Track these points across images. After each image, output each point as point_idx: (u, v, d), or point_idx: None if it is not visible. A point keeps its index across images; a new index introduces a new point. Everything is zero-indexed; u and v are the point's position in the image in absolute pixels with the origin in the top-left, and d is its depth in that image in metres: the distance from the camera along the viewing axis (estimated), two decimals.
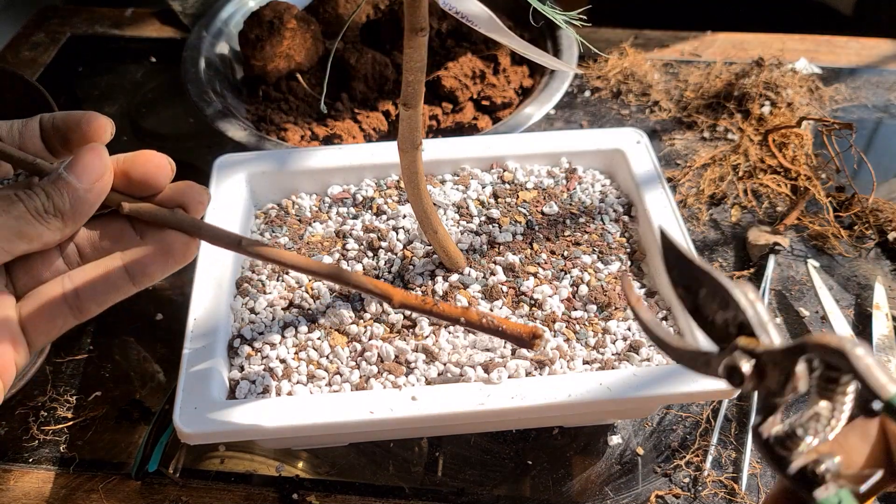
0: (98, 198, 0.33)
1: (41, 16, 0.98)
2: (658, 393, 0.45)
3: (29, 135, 0.35)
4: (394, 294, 0.39)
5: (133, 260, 0.34)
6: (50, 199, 0.31)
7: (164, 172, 0.34)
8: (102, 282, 0.34)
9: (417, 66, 0.38)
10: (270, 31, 0.74)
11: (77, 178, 0.32)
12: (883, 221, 0.68)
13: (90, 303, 0.34)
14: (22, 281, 0.34)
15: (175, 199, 0.35)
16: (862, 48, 0.90)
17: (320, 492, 0.52)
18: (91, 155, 0.32)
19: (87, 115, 0.35)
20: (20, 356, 0.33)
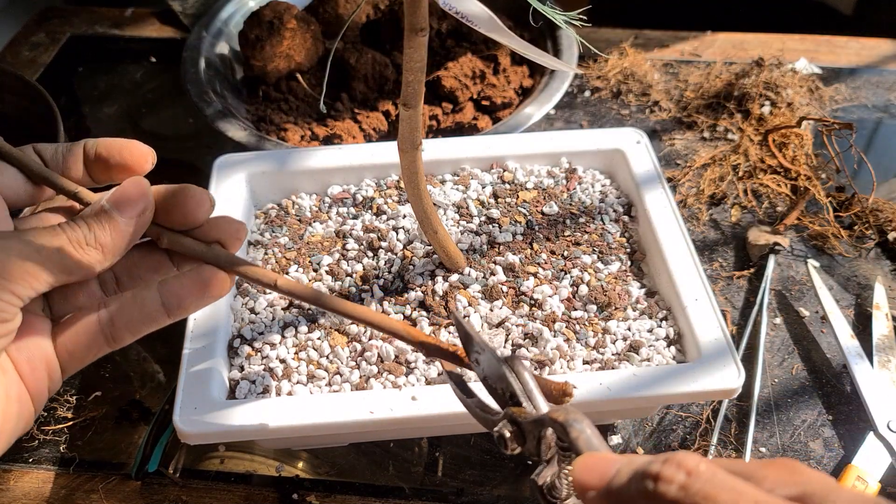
0: (139, 232, 0.33)
1: (41, 16, 0.98)
2: (658, 393, 0.45)
3: (72, 160, 0.35)
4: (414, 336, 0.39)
5: (169, 292, 0.34)
6: (92, 231, 0.31)
7: (205, 208, 0.35)
8: (139, 312, 0.34)
9: (417, 66, 0.38)
10: (270, 31, 0.74)
11: (119, 211, 0.32)
12: (883, 221, 0.68)
13: (125, 332, 0.34)
14: (59, 305, 0.34)
15: (213, 233, 0.35)
16: (862, 48, 0.90)
17: (320, 492, 0.52)
18: (134, 189, 0.33)
19: (128, 145, 0.35)
20: (53, 382, 0.34)
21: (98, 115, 0.85)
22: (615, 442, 0.55)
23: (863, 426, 0.55)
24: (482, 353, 0.35)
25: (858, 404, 0.56)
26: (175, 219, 0.35)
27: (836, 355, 0.60)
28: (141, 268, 0.36)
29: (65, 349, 0.34)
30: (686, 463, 0.24)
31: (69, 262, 0.31)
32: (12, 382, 0.32)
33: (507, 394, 0.34)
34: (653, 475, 0.24)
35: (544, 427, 0.31)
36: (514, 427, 0.33)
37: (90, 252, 0.31)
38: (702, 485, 0.23)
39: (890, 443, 0.52)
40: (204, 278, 0.35)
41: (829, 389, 0.58)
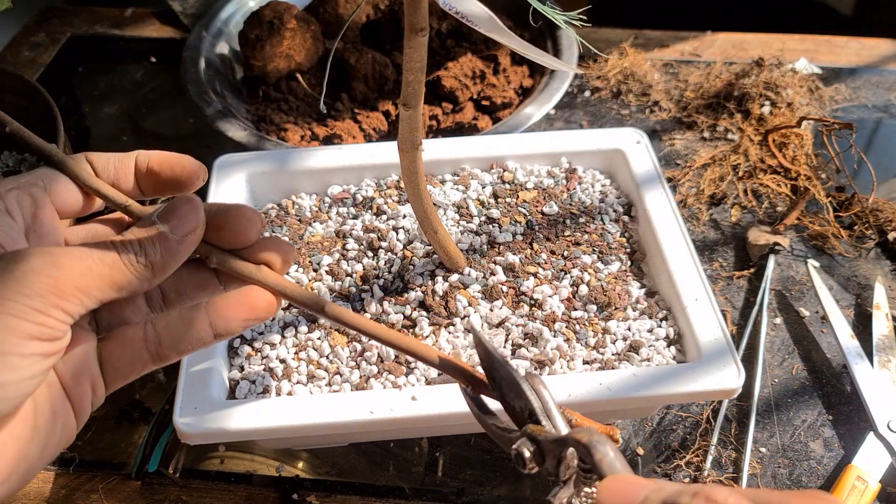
0: (189, 250, 0.33)
1: (41, 16, 0.98)
2: (658, 393, 0.45)
3: (124, 171, 0.35)
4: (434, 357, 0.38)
5: (217, 313, 0.34)
6: (143, 248, 0.31)
7: (256, 228, 0.34)
8: (186, 332, 0.34)
9: (417, 66, 0.38)
10: (270, 31, 0.74)
11: (171, 228, 0.32)
12: (883, 221, 0.68)
13: (171, 350, 0.34)
14: (105, 319, 0.34)
15: (262, 256, 0.35)
16: (862, 48, 0.90)
17: (320, 492, 0.52)
18: (187, 207, 0.33)
19: (181, 160, 0.35)
20: (97, 397, 0.33)
21: (98, 115, 0.85)
22: None
23: (863, 426, 0.55)
24: (501, 369, 0.35)
25: (858, 404, 0.56)
26: (225, 237, 0.34)
27: (836, 355, 0.60)
28: (188, 285, 0.36)
29: (109, 364, 0.33)
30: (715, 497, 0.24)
31: (120, 279, 0.30)
32: (57, 397, 0.31)
33: (526, 412, 0.33)
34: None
35: (565, 447, 0.31)
36: (533, 446, 0.32)
37: (140, 269, 0.31)
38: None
39: (890, 443, 0.52)
40: (252, 300, 0.35)
41: (829, 389, 0.58)
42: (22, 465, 0.30)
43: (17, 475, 0.30)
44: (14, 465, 0.29)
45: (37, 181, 0.33)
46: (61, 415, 0.31)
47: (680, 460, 0.53)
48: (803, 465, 0.53)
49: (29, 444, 0.30)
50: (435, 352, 0.38)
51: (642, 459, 0.54)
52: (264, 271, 0.35)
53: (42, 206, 0.32)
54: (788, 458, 0.54)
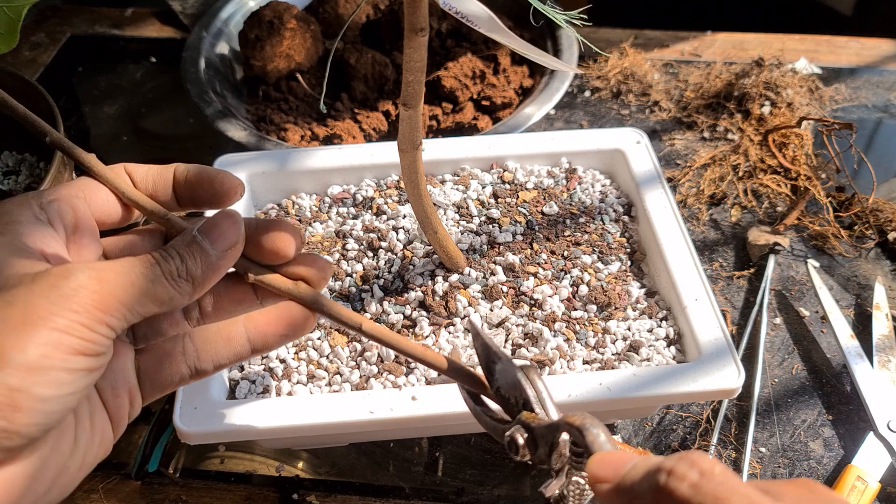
0: (229, 265, 0.33)
1: (41, 16, 0.98)
2: (658, 393, 0.45)
3: (162, 184, 0.35)
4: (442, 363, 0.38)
5: (255, 329, 0.34)
6: (184, 263, 0.31)
7: (294, 245, 0.34)
8: (224, 346, 0.34)
9: (417, 66, 0.38)
10: (270, 31, 0.74)
11: (211, 243, 0.32)
12: (883, 221, 0.68)
13: (208, 363, 0.34)
14: (142, 331, 0.34)
15: (299, 272, 0.35)
16: (862, 48, 0.90)
17: (320, 492, 0.52)
18: (227, 222, 0.33)
19: (220, 176, 0.35)
20: (134, 409, 0.33)
21: (98, 115, 0.85)
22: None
23: (863, 426, 0.55)
24: (497, 362, 0.35)
25: (858, 404, 0.56)
26: (264, 253, 0.34)
27: (836, 355, 0.60)
28: (226, 299, 0.36)
29: (147, 376, 0.34)
30: (700, 463, 0.24)
31: (162, 294, 0.30)
32: (96, 409, 0.32)
33: (521, 401, 0.34)
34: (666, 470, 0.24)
35: (558, 433, 0.31)
36: (526, 433, 0.32)
37: (181, 284, 0.31)
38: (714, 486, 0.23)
39: (890, 443, 0.52)
40: (290, 316, 0.35)
41: (829, 389, 0.58)
42: (62, 479, 0.30)
43: (57, 488, 0.30)
44: (54, 481, 0.29)
45: (78, 192, 0.33)
46: (99, 427, 0.32)
47: None
48: (803, 465, 0.53)
49: (69, 457, 0.30)
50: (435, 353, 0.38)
51: None
52: (302, 287, 0.35)
53: (83, 217, 0.32)
54: (788, 458, 0.54)
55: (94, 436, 0.31)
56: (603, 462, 0.28)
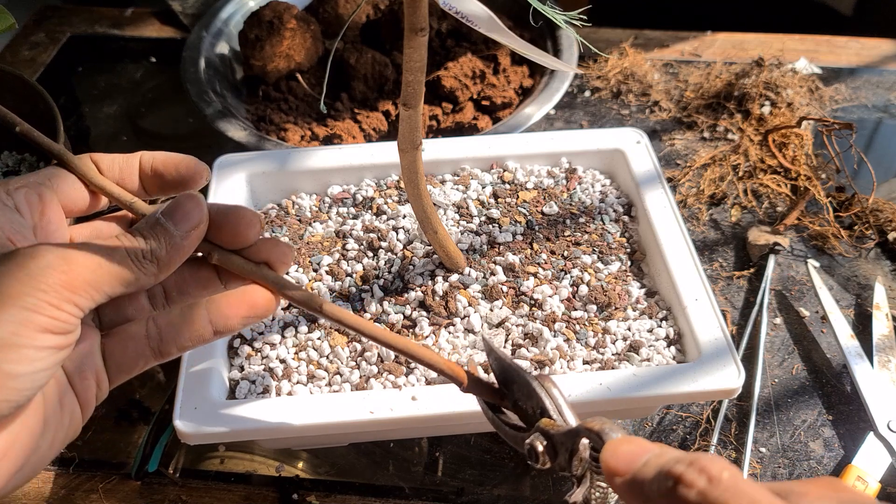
0: (192, 246, 0.34)
1: (41, 16, 0.98)
2: (658, 393, 0.45)
3: (129, 171, 0.36)
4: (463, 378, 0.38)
5: (217, 311, 0.35)
6: (148, 244, 0.32)
7: (255, 229, 0.35)
8: (187, 329, 0.35)
9: (417, 66, 0.38)
10: (270, 31, 0.74)
11: (175, 224, 0.33)
12: (883, 221, 0.68)
13: (172, 347, 0.35)
14: (108, 316, 0.35)
15: (262, 255, 0.36)
16: (862, 48, 0.90)
17: (320, 492, 0.52)
18: (190, 204, 0.33)
19: (185, 161, 0.36)
20: (101, 391, 0.34)
21: (98, 115, 0.85)
22: None
23: (863, 426, 0.55)
24: (513, 374, 0.35)
25: (858, 404, 0.56)
26: (225, 238, 0.35)
27: (836, 355, 0.60)
28: (190, 283, 0.36)
29: (112, 360, 0.34)
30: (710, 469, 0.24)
31: (127, 275, 0.31)
32: (64, 390, 0.32)
33: (538, 410, 0.34)
34: (675, 476, 0.24)
35: (577, 439, 0.31)
36: (545, 440, 0.33)
37: (146, 265, 0.32)
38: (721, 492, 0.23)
39: (890, 443, 0.52)
40: (251, 298, 0.35)
41: (829, 389, 0.58)
42: (32, 457, 0.31)
43: (29, 466, 0.31)
44: (26, 457, 0.30)
45: (44, 180, 0.34)
46: (68, 408, 0.32)
47: None
48: (803, 465, 0.53)
49: (39, 436, 0.31)
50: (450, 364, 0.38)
51: None
52: (264, 270, 0.36)
53: (49, 203, 0.33)
54: (788, 458, 0.54)
55: (64, 417, 0.32)
56: (617, 453, 0.28)
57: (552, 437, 0.32)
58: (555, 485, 0.53)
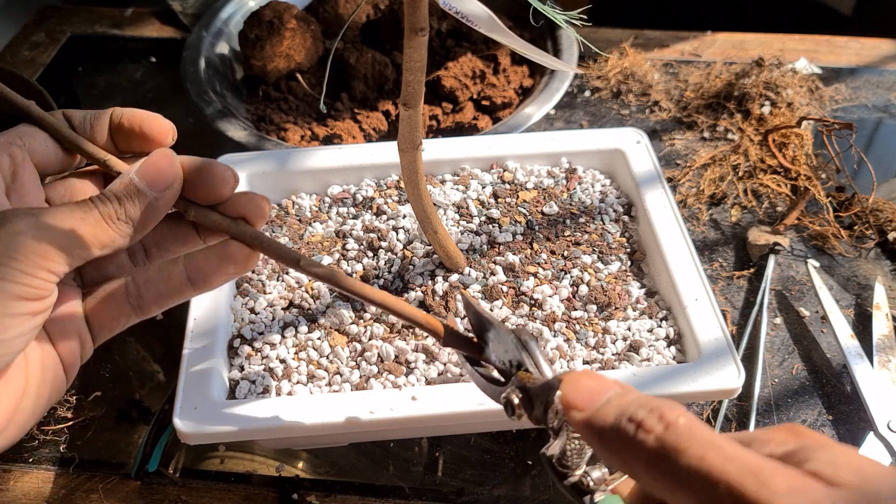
0: (168, 205, 0.33)
1: (41, 15, 0.98)
2: (658, 393, 0.45)
3: (99, 128, 0.35)
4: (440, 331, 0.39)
5: (195, 266, 0.35)
6: (122, 205, 0.32)
7: (229, 184, 0.35)
8: (165, 285, 0.35)
9: (417, 66, 0.38)
10: (270, 31, 0.74)
11: (148, 184, 0.32)
12: (883, 221, 0.68)
13: (152, 303, 0.35)
14: (90, 276, 0.35)
15: (238, 210, 0.36)
16: (862, 48, 0.90)
17: (320, 492, 0.52)
18: (164, 161, 0.33)
19: (150, 118, 0.35)
20: (85, 350, 0.35)
21: None
22: None
23: (863, 426, 0.55)
24: (490, 329, 0.36)
25: (858, 404, 0.56)
26: (200, 194, 0.35)
27: (836, 355, 0.60)
28: (168, 240, 0.36)
29: (95, 318, 0.35)
30: (667, 415, 0.24)
31: (103, 237, 0.31)
32: (47, 352, 0.33)
33: (515, 364, 0.34)
34: (636, 421, 0.25)
35: (552, 392, 0.31)
36: (521, 393, 0.33)
37: (121, 226, 0.32)
38: (676, 437, 0.24)
39: (890, 443, 0.52)
40: (229, 253, 0.35)
41: (829, 389, 0.58)
42: (17, 418, 0.31)
43: (14, 427, 0.31)
44: (9, 417, 0.30)
45: (15, 139, 0.33)
46: (51, 369, 0.33)
47: None
48: None
49: (22, 398, 0.31)
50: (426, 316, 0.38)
51: None
52: (241, 225, 0.36)
53: (21, 164, 0.33)
54: None
55: (46, 377, 0.32)
56: (578, 387, 0.28)
57: (528, 389, 0.33)
58: (555, 485, 0.53)
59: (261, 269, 0.54)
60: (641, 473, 0.25)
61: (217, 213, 0.35)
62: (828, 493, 0.22)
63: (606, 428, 0.26)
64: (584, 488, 0.30)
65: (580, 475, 0.30)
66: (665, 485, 0.24)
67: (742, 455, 0.23)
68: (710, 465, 0.22)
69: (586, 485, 0.30)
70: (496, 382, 0.36)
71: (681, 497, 0.23)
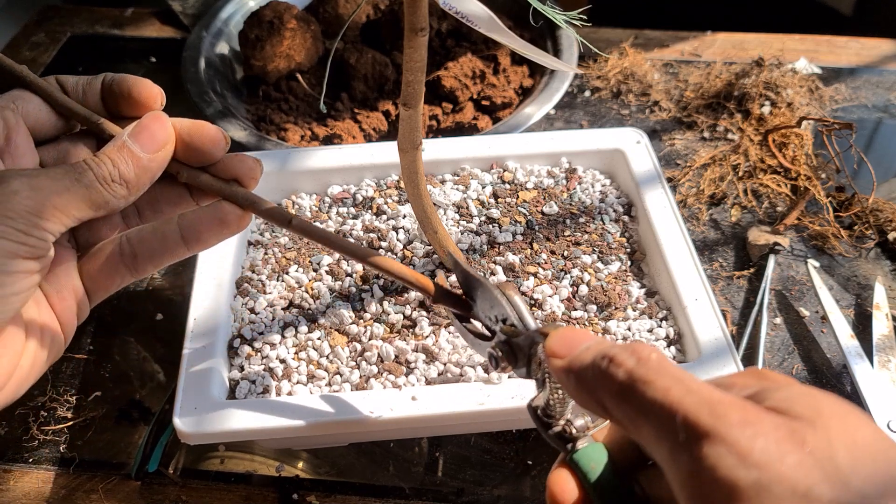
0: (160, 167, 0.34)
1: (41, 16, 0.98)
2: None
3: (91, 93, 0.36)
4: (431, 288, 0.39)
5: (188, 226, 0.36)
6: (116, 167, 0.32)
7: (220, 146, 0.35)
8: (159, 245, 0.36)
9: (417, 66, 0.38)
10: (270, 31, 0.74)
11: (141, 146, 0.33)
12: (883, 221, 0.68)
13: (146, 263, 0.36)
14: (84, 237, 0.36)
15: (229, 171, 0.36)
16: (862, 48, 0.90)
17: (320, 492, 0.52)
18: (156, 124, 0.34)
19: (139, 82, 0.35)
20: (81, 311, 0.35)
21: None
22: None
23: None
24: (477, 286, 0.37)
25: (858, 404, 0.56)
26: (192, 155, 0.35)
27: (836, 355, 0.60)
28: (161, 201, 0.37)
29: (90, 279, 0.35)
30: (640, 351, 0.26)
31: (97, 198, 0.32)
32: (44, 312, 0.33)
33: (500, 318, 0.35)
34: (609, 356, 0.26)
35: (536, 344, 0.32)
36: (506, 347, 0.34)
37: (115, 188, 0.32)
38: (645, 371, 0.25)
39: None
40: (222, 214, 0.36)
41: (829, 389, 0.57)
42: (16, 376, 0.32)
43: (12, 385, 0.32)
44: (7, 375, 0.31)
45: (8, 103, 0.34)
46: (49, 329, 0.33)
47: None
48: None
49: (20, 356, 0.32)
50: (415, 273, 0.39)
51: None
52: (233, 187, 0.36)
53: (15, 128, 0.33)
54: None
55: (44, 337, 0.33)
56: (560, 338, 0.29)
57: (512, 343, 0.33)
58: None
59: (261, 268, 0.54)
60: (612, 409, 0.26)
61: (209, 175, 0.36)
62: (777, 424, 0.22)
63: (584, 368, 0.27)
64: (567, 436, 0.31)
65: (563, 424, 0.31)
66: (631, 417, 0.25)
67: (703, 389, 0.24)
68: (672, 398, 0.23)
69: (569, 433, 0.31)
70: (483, 338, 0.37)
71: (644, 431, 0.24)
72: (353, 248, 0.38)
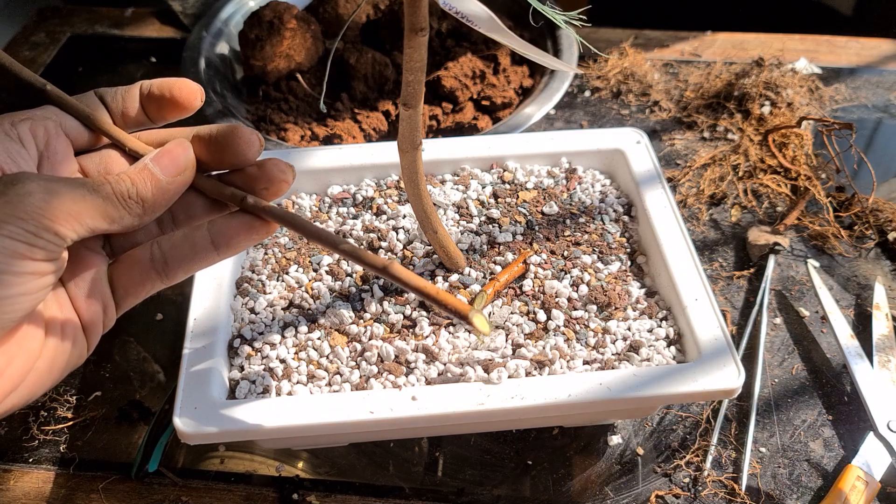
0: (178, 190, 0.35)
1: (41, 16, 0.98)
2: (658, 393, 0.45)
3: (130, 100, 0.37)
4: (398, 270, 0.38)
5: (219, 232, 0.36)
6: (134, 185, 0.33)
7: (254, 147, 0.36)
8: (190, 250, 0.36)
9: (417, 66, 0.38)
10: (270, 31, 0.74)
11: (162, 169, 0.34)
12: (883, 221, 0.68)
13: (177, 269, 0.36)
14: (119, 244, 0.37)
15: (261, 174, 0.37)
16: (862, 48, 0.90)
17: (320, 492, 0.52)
18: (179, 149, 0.35)
19: (178, 82, 0.36)
20: (108, 318, 0.35)
21: None
22: (615, 442, 0.55)
23: (863, 426, 0.55)
24: None
25: (858, 404, 0.56)
26: (226, 158, 0.36)
27: (836, 355, 0.60)
28: (197, 206, 0.38)
29: (120, 284, 0.36)
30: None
31: (112, 212, 0.32)
32: (68, 316, 0.34)
33: None
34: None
35: None
36: None
37: (131, 204, 0.33)
38: None
39: (890, 443, 0.52)
40: (250, 221, 0.37)
41: (829, 389, 0.58)
42: (31, 378, 0.32)
43: (27, 387, 0.32)
44: (22, 377, 0.31)
45: (50, 114, 0.35)
46: (71, 334, 0.33)
47: (680, 460, 0.53)
48: (803, 465, 0.53)
49: (36, 358, 0.32)
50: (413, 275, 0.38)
51: (642, 459, 0.54)
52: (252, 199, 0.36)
53: (55, 135, 0.34)
54: (788, 458, 0.54)
55: (65, 341, 0.33)
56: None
57: None
58: (555, 485, 0.53)
59: (261, 268, 0.54)
60: None
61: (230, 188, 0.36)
62: None
63: None
64: None
65: None
66: None
67: None
68: None
69: None
70: None
71: None
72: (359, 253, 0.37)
